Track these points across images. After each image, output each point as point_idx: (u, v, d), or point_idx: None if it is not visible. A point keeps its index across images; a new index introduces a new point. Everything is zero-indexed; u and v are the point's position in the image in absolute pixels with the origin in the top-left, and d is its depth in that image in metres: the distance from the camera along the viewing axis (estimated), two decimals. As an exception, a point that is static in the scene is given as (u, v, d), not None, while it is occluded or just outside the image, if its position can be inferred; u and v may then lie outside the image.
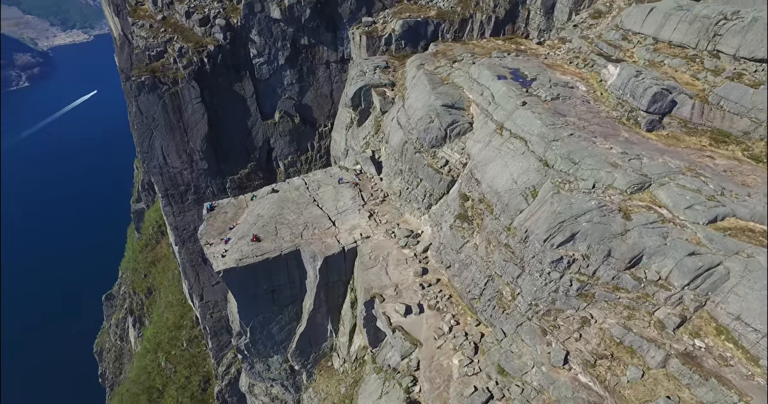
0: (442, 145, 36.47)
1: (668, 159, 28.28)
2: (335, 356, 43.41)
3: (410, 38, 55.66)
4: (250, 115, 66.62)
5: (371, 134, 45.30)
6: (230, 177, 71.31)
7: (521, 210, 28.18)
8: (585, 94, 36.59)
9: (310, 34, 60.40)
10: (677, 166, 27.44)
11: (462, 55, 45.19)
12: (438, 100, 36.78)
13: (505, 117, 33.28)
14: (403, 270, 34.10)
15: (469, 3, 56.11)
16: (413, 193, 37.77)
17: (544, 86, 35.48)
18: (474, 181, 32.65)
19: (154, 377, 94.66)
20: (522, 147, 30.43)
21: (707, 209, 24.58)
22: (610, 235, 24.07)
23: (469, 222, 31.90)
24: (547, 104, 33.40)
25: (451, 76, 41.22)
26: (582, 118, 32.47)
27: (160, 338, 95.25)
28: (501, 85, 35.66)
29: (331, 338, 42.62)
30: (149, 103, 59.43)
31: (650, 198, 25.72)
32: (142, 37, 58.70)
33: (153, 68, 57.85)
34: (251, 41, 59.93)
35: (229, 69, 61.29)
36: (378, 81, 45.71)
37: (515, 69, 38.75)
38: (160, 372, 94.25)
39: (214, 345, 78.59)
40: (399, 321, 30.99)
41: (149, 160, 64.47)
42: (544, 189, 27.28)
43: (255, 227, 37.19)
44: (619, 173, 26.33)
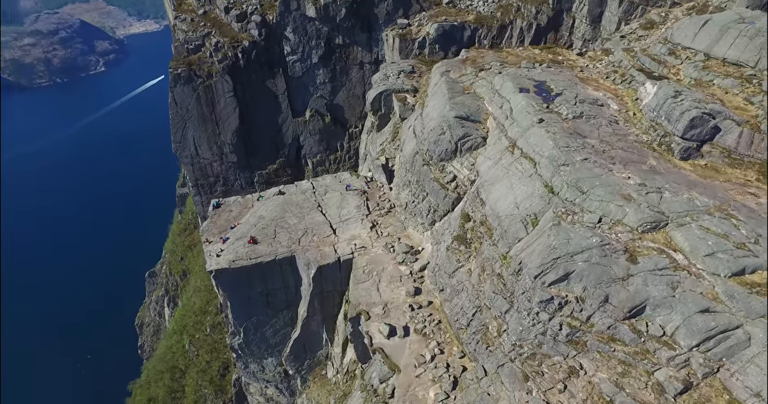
0: (451, 158, 34.38)
1: (696, 194, 24.85)
2: (330, 365, 42.40)
3: (445, 43, 53.53)
4: (281, 112, 66.85)
5: (388, 141, 43.79)
6: (258, 171, 72.03)
7: (519, 239, 25.75)
8: (615, 113, 33.26)
9: (344, 34, 59.58)
10: (705, 204, 24.02)
11: (491, 63, 42.64)
12: (452, 111, 34.68)
13: (519, 134, 30.75)
14: (396, 288, 32.42)
15: (510, 8, 53.15)
16: (418, 207, 35.94)
17: (569, 102, 32.52)
18: (479, 201, 30.39)
19: (178, 358, 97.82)
20: (530, 169, 27.89)
21: (733, 259, 21.24)
22: (609, 279, 21.31)
23: (467, 245, 29.72)
24: (568, 123, 30.52)
25: (474, 86, 38.90)
26: (604, 140, 29.37)
27: (187, 321, 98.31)
28: (521, 99, 33.06)
29: (327, 346, 41.63)
30: (184, 94, 60.91)
31: (665, 239, 22.61)
32: (182, 31, 60.16)
33: (190, 61, 59.15)
34: (285, 38, 59.93)
35: (262, 65, 61.66)
36: (400, 86, 44.05)
37: (541, 81, 35.90)
38: (183, 354, 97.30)
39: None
40: (381, 342, 29.39)
41: (182, 149, 66.19)
42: (545, 218, 24.73)
43: (255, 229, 36.76)
44: (631, 208, 23.35)
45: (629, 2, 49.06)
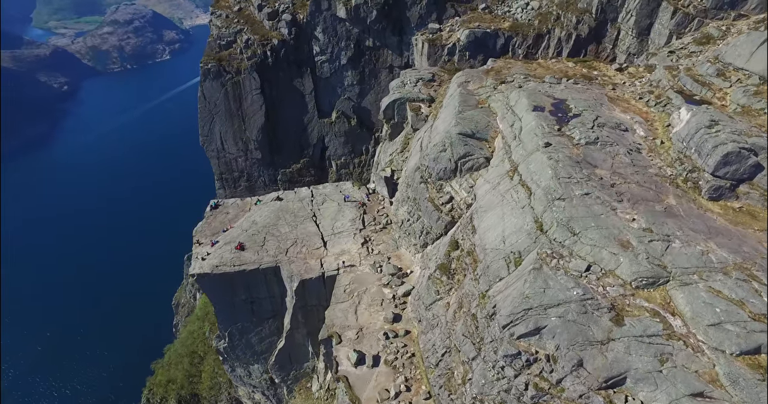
0: (450, 178, 31.81)
1: (714, 246, 21.10)
2: (315, 379, 40.99)
3: (476, 50, 50.68)
4: (307, 112, 66.22)
5: (397, 151, 41.66)
6: (282, 170, 71.93)
7: (501, 278, 23.00)
8: (640, 140, 29.43)
9: (375, 36, 57.91)
10: (722, 260, 20.28)
11: (514, 75, 39.42)
12: (456, 127, 32.08)
13: (522, 158, 27.79)
14: (375, 312, 30.38)
15: (548, 17, 49.40)
16: (413, 227, 33.65)
17: (585, 125, 29.08)
18: (470, 227, 27.76)
19: (198, 344, 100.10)
20: (524, 199, 24.96)
21: (746, 333, 17.64)
22: (585, 341, 18.28)
23: (450, 276, 27.19)
24: (578, 149, 27.19)
25: (490, 100, 35.99)
26: (617, 172, 25.86)
27: (209, 308, 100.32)
28: (532, 118, 29.97)
29: (313, 359, 40.22)
30: (213, 89, 61.54)
31: (662, 299, 19.21)
32: (216, 26, 60.73)
33: (220, 57, 59.62)
34: (315, 38, 59.08)
35: (290, 64, 61.20)
36: (416, 95, 41.76)
37: (561, 100, 32.51)
38: (203, 340, 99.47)
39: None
40: (347, 370, 27.49)
41: (208, 143, 67.08)
42: (529, 259, 21.86)
43: (245, 234, 35.88)
44: (627, 257, 20.08)
45: (684, 13, 44.22)
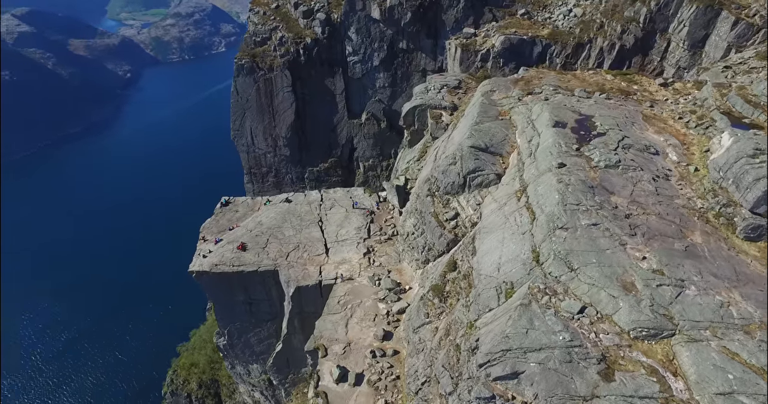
0: (459, 193, 30.00)
1: (738, 297, 18.37)
2: (311, 385, 40.25)
3: (511, 57, 48.28)
4: (337, 112, 65.80)
5: (414, 159, 40.15)
6: (310, 168, 72.03)
7: (490, 309, 21.15)
8: (671, 166, 26.52)
9: (408, 39, 56.52)
10: (746, 315, 17.58)
11: (543, 86, 36.94)
12: (469, 139, 30.20)
13: (533, 178, 25.65)
14: (366, 328, 29.11)
15: (591, 25, 46.24)
16: (417, 241, 32.10)
17: (608, 146, 26.50)
18: (471, 248, 25.92)
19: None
20: (527, 224, 22.90)
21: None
22: (565, 394, 16.22)
23: (443, 299, 25.51)
24: (595, 172, 24.74)
25: (512, 111, 33.79)
26: (637, 201, 23.26)
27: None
28: (550, 135, 27.69)
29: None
30: (245, 84, 62.26)
31: (664, 355, 16.81)
32: (253, 23, 61.33)
33: (254, 53, 60.17)
34: (348, 38, 58.40)
35: (323, 63, 60.91)
36: (438, 102, 40.05)
37: (587, 116, 29.94)
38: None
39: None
40: (327, 386, 26.42)
41: (239, 137, 68.06)
42: (519, 293, 19.90)
43: (249, 234, 35.56)
44: (627, 302, 17.77)
45: (748, 24, 40.15)
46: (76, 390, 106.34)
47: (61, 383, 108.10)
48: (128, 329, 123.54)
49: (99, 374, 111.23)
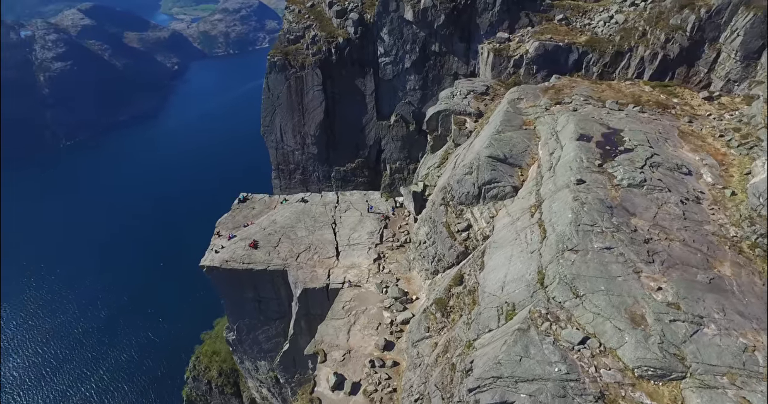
0: (473, 204, 28.96)
1: (767, 342, 16.70)
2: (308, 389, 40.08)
3: (544, 64, 46.39)
4: (366, 112, 65.36)
5: (435, 166, 39.27)
6: (337, 167, 71.91)
7: (489, 330, 20.18)
8: (704, 188, 24.60)
9: (441, 41, 55.32)
10: (768, 361, 15.92)
11: (574, 96, 35.31)
12: (488, 149, 29.11)
13: (549, 193, 24.37)
14: (368, 336, 28.56)
15: (632, 33, 43.85)
16: (428, 250, 31.27)
17: (634, 163, 24.85)
18: (479, 263, 24.95)
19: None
20: (537, 243, 21.72)
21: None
22: (555, 430, 15.14)
23: (446, 313, 24.63)
24: (616, 191, 23.21)
25: (537, 121, 32.42)
26: (660, 224, 21.64)
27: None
28: (572, 149, 26.28)
29: (317, 367, 39.30)
30: (277, 82, 62.79)
31: (671, 398, 15.41)
32: (288, 21, 61.79)
33: (287, 51, 60.58)
34: (380, 39, 57.82)
35: (354, 63, 60.58)
36: (463, 107, 39.00)
37: (616, 130, 28.26)
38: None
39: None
40: (322, 393, 26.04)
41: (268, 133, 68.82)
42: (519, 316, 18.84)
43: (262, 232, 35.68)
44: (634, 336, 16.43)
45: (810, 36, 36.99)
46: (112, 366, 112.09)
47: (99, 357, 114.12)
48: (161, 311, 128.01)
49: (132, 351, 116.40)
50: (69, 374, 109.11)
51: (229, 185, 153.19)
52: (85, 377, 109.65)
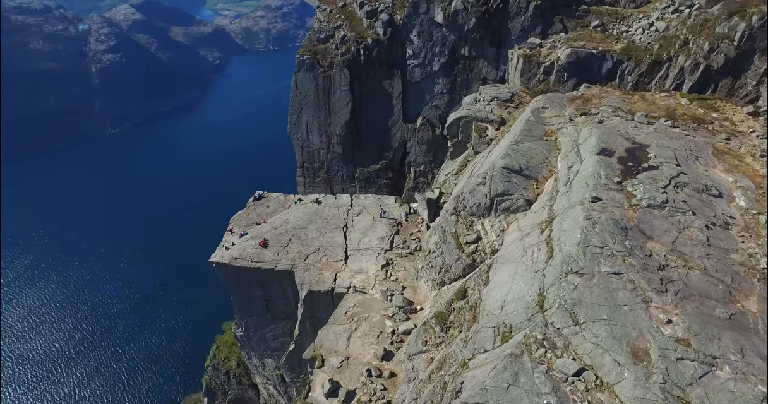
0: (484, 216, 27.94)
1: (783, 387, 15.14)
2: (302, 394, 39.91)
3: (576, 72, 44.62)
4: (392, 114, 64.99)
5: (453, 173, 38.33)
6: (361, 168, 71.99)
7: (484, 350, 19.29)
8: (735, 213, 22.80)
9: (471, 45, 54.30)
10: (785, 411, 14.41)
11: (602, 107, 33.64)
12: (503, 159, 28.02)
13: (562, 210, 23.16)
14: (368, 344, 28.03)
15: (673, 41, 41.51)
16: (436, 260, 30.44)
17: (657, 182, 23.29)
18: (485, 278, 24.01)
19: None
20: (542, 262, 20.61)
21: None
22: (539, 467, 14.18)
23: (445, 328, 23.81)
24: (634, 211, 21.78)
25: (560, 132, 31.01)
26: (679, 250, 20.13)
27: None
28: (591, 163, 24.91)
29: (322, 369, 39.10)
30: (305, 80, 63.24)
31: (669, 443, 14.16)
32: (319, 20, 62.03)
33: (316, 50, 60.85)
34: (409, 41, 57.26)
35: (382, 64, 60.31)
36: (485, 114, 37.86)
37: (642, 145, 26.63)
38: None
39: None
40: (316, 398, 25.70)
41: (295, 131, 69.44)
42: (514, 340, 17.87)
43: (273, 232, 35.72)
44: (633, 373, 15.22)
45: None
46: (142, 347, 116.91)
47: (131, 338, 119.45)
48: (190, 298, 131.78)
49: (162, 334, 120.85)
50: (103, 351, 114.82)
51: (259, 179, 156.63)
52: (118, 356, 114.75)
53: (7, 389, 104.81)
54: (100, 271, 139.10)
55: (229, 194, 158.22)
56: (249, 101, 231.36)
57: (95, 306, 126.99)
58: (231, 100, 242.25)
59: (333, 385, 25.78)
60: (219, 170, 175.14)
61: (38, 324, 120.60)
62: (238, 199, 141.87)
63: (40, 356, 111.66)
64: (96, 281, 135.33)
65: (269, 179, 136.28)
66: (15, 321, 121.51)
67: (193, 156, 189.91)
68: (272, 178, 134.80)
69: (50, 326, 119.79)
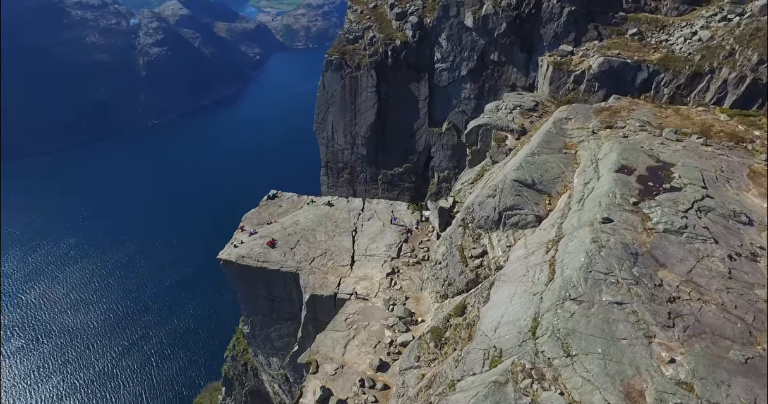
0: (492, 229, 26.86)
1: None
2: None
3: (608, 82, 42.72)
4: (418, 118, 64.16)
5: (469, 182, 37.26)
6: (384, 170, 71.50)
7: (473, 373, 18.39)
8: (765, 243, 20.90)
9: (501, 51, 52.82)
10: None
11: (630, 120, 31.80)
12: (516, 172, 26.85)
13: (571, 229, 21.88)
14: (364, 353, 27.45)
15: (717, 52, 38.98)
16: (441, 272, 29.55)
17: (678, 205, 21.64)
18: (485, 295, 23.02)
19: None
20: (542, 285, 19.47)
21: None
22: None
23: (440, 344, 22.95)
24: (648, 236, 20.28)
25: (580, 145, 29.51)
26: (694, 281, 18.56)
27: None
28: (608, 181, 23.46)
29: (324, 373, 38.83)
30: (332, 80, 63.26)
31: None
32: (349, 20, 61.90)
33: (345, 50, 60.76)
34: (438, 44, 56.28)
35: (409, 67, 59.59)
36: (506, 123, 36.60)
37: (666, 163, 24.91)
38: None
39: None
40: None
41: (320, 130, 69.66)
42: (501, 366, 16.89)
43: (282, 232, 35.65)
44: (625, 416, 14.00)
45: None
46: (171, 331, 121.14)
47: (161, 321, 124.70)
48: (217, 286, 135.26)
49: (190, 320, 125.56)
50: (135, 332, 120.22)
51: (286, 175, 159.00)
52: (148, 337, 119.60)
53: (49, 360, 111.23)
54: (135, 255, 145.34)
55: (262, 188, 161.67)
56: (285, 97, 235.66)
57: (130, 288, 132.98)
58: (268, 95, 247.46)
59: (324, 393, 25.35)
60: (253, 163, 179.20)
61: (78, 302, 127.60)
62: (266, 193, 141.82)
63: (79, 331, 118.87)
64: (131, 265, 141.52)
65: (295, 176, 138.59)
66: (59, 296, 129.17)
67: (230, 149, 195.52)
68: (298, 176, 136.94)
69: (89, 304, 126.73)
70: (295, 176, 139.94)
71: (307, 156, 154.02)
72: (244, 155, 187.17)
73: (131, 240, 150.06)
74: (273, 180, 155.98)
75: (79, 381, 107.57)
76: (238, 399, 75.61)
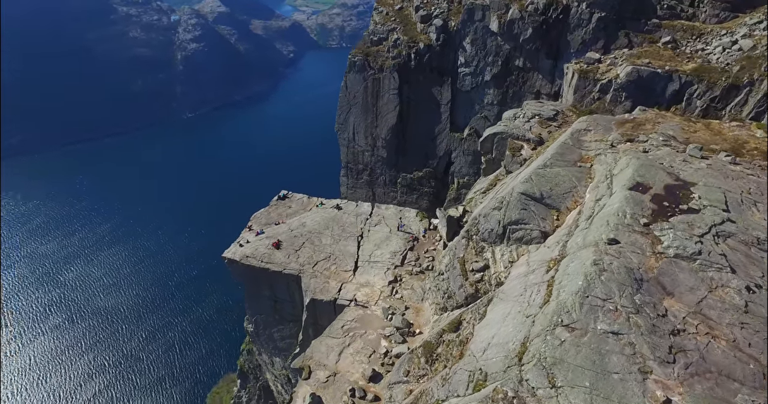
0: (496, 243, 25.86)
1: None
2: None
3: (636, 93, 40.80)
4: (440, 122, 63.26)
5: (481, 191, 36.22)
6: (403, 174, 70.92)
7: (457, 395, 17.60)
8: (784, 277, 19.22)
9: (526, 57, 51.35)
10: None
11: (653, 134, 30.15)
12: (524, 184, 25.77)
13: (575, 249, 20.74)
14: (358, 362, 26.92)
15: (758, 63, 36.64)
16: (443, 284, 28.71)
17: (693, 228, 20.18)
18: (482, 312, 22.14)
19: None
20: (537, 307, 18.46)
21: None
22: None
23: (431, 360, 22.18)
24: (656, 261, 18.95)
25: (597, 159, 28.14)
26: (704, 314, 17.20)
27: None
28: (619, 199, 22.16)
29: (325, 376, 38.53)
30: (355, 81, 63.07)
31: None
32: (374, 22, 61.53)
33: (368, 51, 60.46)
34: (462, 48, 55.22)
35: (432, 70, 58.76)
36: (522, 132, 35.39)
37: (686, 182, 23.37)
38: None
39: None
40: (295, 413, 24.98)
41: (341, 131, 69.61)
42: (483, 392, 16.03)
43: (288, 233, 35.52)
44: (608, 458, 12.96)
45: None
46: (194, 320, 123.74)
47: (185, 310, 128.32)
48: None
49: (213, 311, 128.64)
50: (161, 319, 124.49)
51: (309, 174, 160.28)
52: (173, 325, 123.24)
53: (82, 340, 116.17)
54: (164, 244, 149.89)
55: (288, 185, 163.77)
56: (316, 96, 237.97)
57: (158, 276, 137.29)
58: (300, 93, 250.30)
59: (314, 400, 24.95)
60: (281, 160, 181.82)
61: (109, 286, 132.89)
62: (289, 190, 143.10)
63: (109, 314, 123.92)
64: (160, 253, 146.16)
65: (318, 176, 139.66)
66: (93, 280, 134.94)
67: (259, 144, 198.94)
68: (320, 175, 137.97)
69: (119, 289, 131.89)
70: (317, 176, 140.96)
71: (331, 155, 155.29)
72: (273, 151, 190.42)
73: (161, 229, 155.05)
74: (298, 178, 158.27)
75: (108, 362, 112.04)
76: (252, 392, 76.53)
